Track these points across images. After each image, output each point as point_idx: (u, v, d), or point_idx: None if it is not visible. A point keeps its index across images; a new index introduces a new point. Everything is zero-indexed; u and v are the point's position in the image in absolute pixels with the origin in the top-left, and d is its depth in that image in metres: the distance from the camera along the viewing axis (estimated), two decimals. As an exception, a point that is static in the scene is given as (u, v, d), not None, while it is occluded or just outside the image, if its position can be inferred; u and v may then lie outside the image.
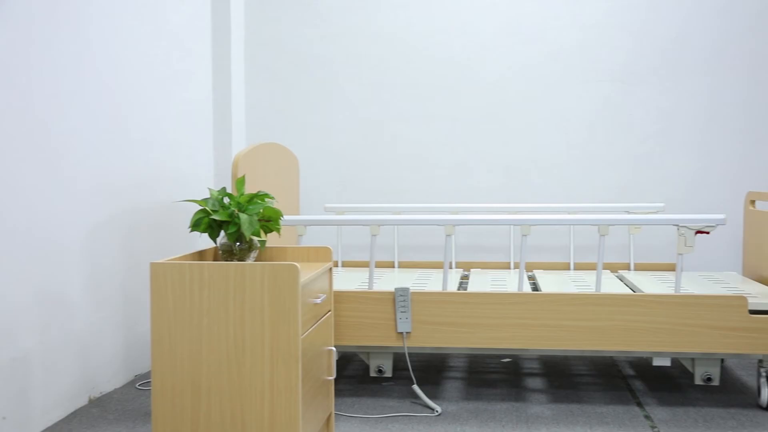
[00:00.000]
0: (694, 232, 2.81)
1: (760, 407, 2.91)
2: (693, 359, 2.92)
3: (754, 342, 2.77)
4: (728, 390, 3.15)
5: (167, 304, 2.16)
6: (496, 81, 4.09)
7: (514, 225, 3.24)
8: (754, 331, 2.77)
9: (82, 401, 2.99)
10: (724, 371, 3.41)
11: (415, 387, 3.00)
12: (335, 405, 2.95)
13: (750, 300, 2.82)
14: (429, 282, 3.34)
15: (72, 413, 2.89)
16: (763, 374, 2.86)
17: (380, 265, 3.91)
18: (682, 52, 3.97)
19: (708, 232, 2.83)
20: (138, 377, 3.39)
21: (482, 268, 3.83)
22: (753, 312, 2.82)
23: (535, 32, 4.06)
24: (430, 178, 4.14)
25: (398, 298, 2.90)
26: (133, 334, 3.34)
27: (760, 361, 2.87)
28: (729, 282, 3.31)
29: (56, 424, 2.77)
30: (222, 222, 2.36)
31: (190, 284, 2.15)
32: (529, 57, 4.07)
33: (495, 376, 3.39)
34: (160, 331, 2.16)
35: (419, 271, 3.74)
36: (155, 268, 2.16)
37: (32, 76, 2.67)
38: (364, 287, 3.15)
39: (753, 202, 3.51)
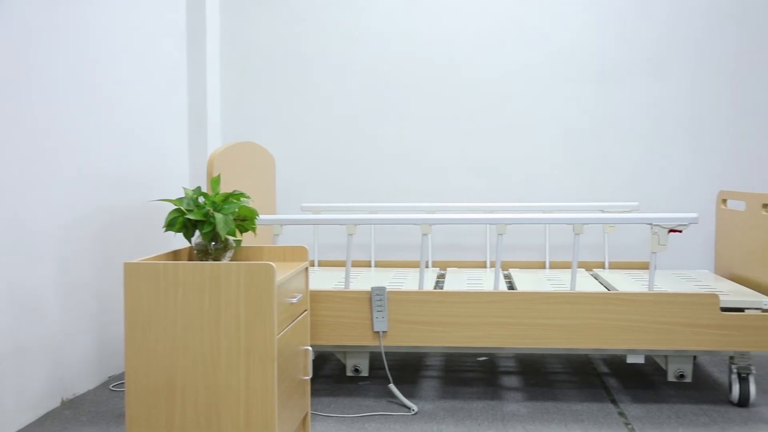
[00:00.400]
0: (667, 230, 2.84)
1: (731, 403, 2.95)
2: (666, 356, 2.95)
3: (726, 339, 2.80)
4: (700, 386, 3.19)
5: (141, 305, 2.14)
6: (474, 81, 4.10)
7: (490, 224, 3.26)
8: (725, 328, 2.81)
9: (55, 403, 2.95)
10: (697, 368, 3.45)
11: (392, 386, 3.00)
12: (312, 405, 2.94)
13: (722, 298, 2.85)
14: (405, 281, 3.34)
15: (44, 415, 2.86)
16: (735, 371, 2.90)
17: (357, 264, 3.91)
18: (656, 54, 4.01)
19: (681, 231, 2.86)
20: (112, 378, 3.36)
21: (458, 267, 3.84)
22: (724, 309, 2.86)
23: (513, 34, 4.08)
24: (406, 178, 4.14)
25: (375, 297, 2.90)
26: (106, 335, 3.31)
27: (732, 357, 2.91)
28: (701, 280, 3.35)
29: (27, 427, 2.74)
30: (197, 221, 2.34)
31: (165, 284, 2.13)
32: (507, 58, 4.08)
33: (471, 374, 3.40)
34: (134, 332, 2.14)
35: (396, 270, 3.74)
36: (129, 268, 2.14)
37: (5, 76, 2.63)
38: (341, 287, 3.15)
39: (725, 201, 3.56)
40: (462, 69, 4.10)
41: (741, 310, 2.89)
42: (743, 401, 2.91)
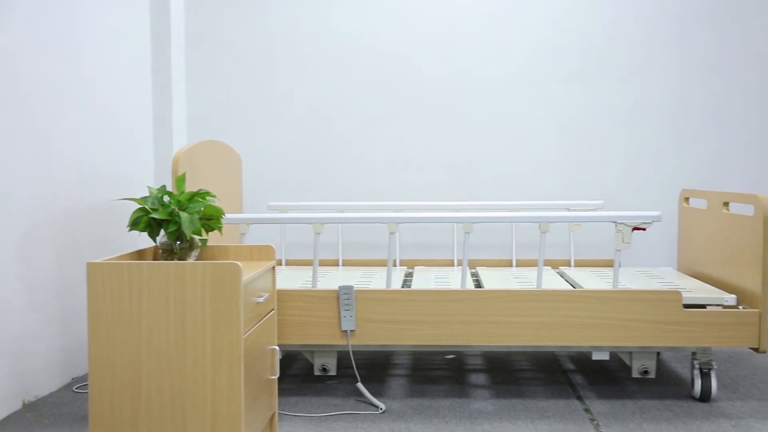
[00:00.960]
0: (631, 228, 2.89)
1: (693, 398, 3.00)
2: (630, 353, 2.99)
3: (688, 335, 2.85)
4: (664, 382, 3.23)
5: (105, 305, 2.11)
6: (442, 80, 4.11)
7: (457, 223, 3.28)
8: (687, 324, 2.85)
9: (16, 405, 2.90)
10: (660, 364, 3.51)
11: (360, 385, 3.00)
12: (279, 404, 2.93)
13: (684, 294, 2.90)
14: (373, 280, 3.34)
15: (5, 418, 2.81)
16: (697, 366, 2.95)
17: (324, 263, 3.90)
18: (621, 56, 4.06)
19: (644, 229, 2.91)
20: (75, 380, 3.31)
21: (426, 266, 3.85)
22: (687, 306, 2.91)
23: (482, 34, 4.10)
24: (374, 176, 4.14)
25: (342, 296, 2.89)
26: (70, 336, 3.26)
27: (694, 353, 2.95)
28: (665, 277, 3.40)
29: (-11, 430, 2.69)
30: (162, 221, 2.32)
31: (129, 284, 2.11)
32: (475, 58, 4.11)
33: (439, 372, 3.41)
34: (97, 333, 2.12)
35: (363, 269, 3.74)
36: (92, 268, 2.11)
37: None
38: (308, 286, 3.14)
39: (687, 199, 3.61)
40: (429, 68, 4.11)
41: (703, 306, 2.94)
42: (705, 396, 2.96)
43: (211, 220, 2.43)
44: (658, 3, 4.04)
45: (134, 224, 2.32)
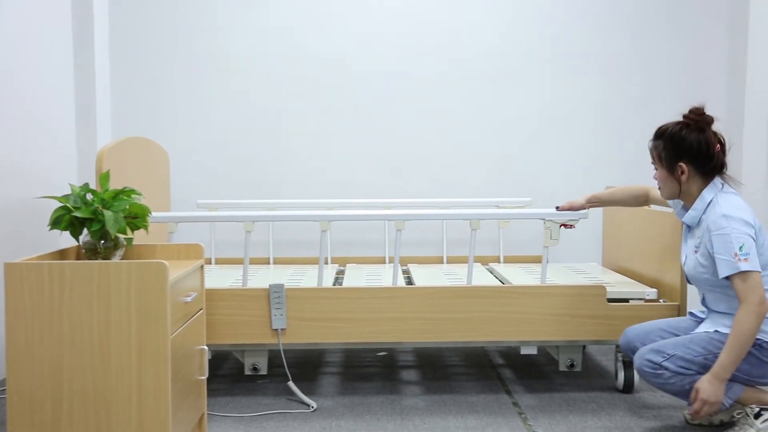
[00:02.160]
0: (559, 225, 2.96)
1: (617, 390, 3.09)
2: (557, 347, 3.06)
3: (612, 328, 2.93)
4: (589, 375, 3.32)
5: (24, 307, 2.04)
6: (373, 77, 4.11)
7: (389, 220, 3.29)
8: (611, 318, 2.93)
9: (-70, 413, 2.77)
10: (586, 357, 3.60)
11: (291, 383, 2.98)
12: (209, 405, 2.88)
13: (608, 289, 2.98)
14: (304, 278, 3.33)
15: None
16: (620, 359, 3.04)
17: (255, 261, 3.86)
18: (544, 55, 4.14)
19: (573, 226, 2.98)
20: (-6, 385, 3.19)
21: (358, 264, 3.85)
22: (611, 300, 2.99)
23: (413, 32, 4.12)
24: (305, 174, 4.12)
25: (273, 294, 2.87)
26: (-12, 340, 3.13)
27: (617, 346, 3.04)
28: (590, 273, 3.49)
29: None
30: (85, 219, 2.25)
31: (50, 285, 2.05)
32: (407, 57, 4.12)
33: (371, 369, 3.42)
34: (15, 336, 2.05)
35: (294, 267, 3.72)
36: (10, 268, 2.04)
37: None
38: (238, 284, 3.10)
39: (611, 196, 3.71)
40: (362, 66, 4.11)
41: (626, 300, 3.03)
42: (628, 388, 3.05)
43: (136, 219, 2.38)
44: (582, 7, 4.14)
45: (55, 223, 2.26)
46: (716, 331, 2.48)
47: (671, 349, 2.45)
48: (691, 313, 2.71)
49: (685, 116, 2.56)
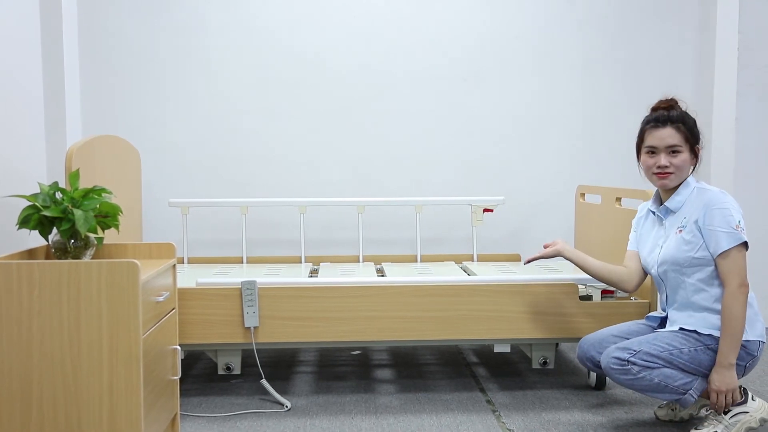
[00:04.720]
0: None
1: (589, 387, 3.12)
2: (530, 344, 3.08)
3: (584, 326, 2.95)
4: (562, 372, 3.35)
5: (-8, 307, 2.00)
6: (346, 76, 4.10)
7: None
8: (583, 315, 2.96)
9: None
10: (559, 354, 3.62)
11: (264, 382, 2.96)
12: (181, 405, 2.85)
13: (580, 287, 3.01)
14: (278, 276, 3.31)
15: None
16: (593, 356, 3.06)
17: (228, 261, 3.83)
18: (516, 56, 4.17)
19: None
20: (-39, 387, 3.13)
21: (332, 262, 3.85)
22: (582, 298, 3.02)
23: (383, 29, 4.11)
24: (278, 173, 4.10)
25: (245, 292, 2.85)
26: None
27: (590, 343, 3.06)
28: (562, 270, 3.51)
29: None
30: (54, 218, 2.22)
31: (18, 285, 2.01)
32: (377, 53, 4.12)
33: (345, 368, 3.42)
34: (-17, 337, 2.01)
35: (268, 266, 3.70)
36: (-23, 268, 2.00)
37: None
38: (218, 278, 3.07)
39: (583, 195, 3.75)
40: (335, 65, 4.10)
41: (590, 297, 3.05)
42: (600, 385, 3.08)
43: (107, 218, 2.35)
44: (552, 8, 4.17)
45: (24, 222, 2.22)
46: (681, 329, 2.52)
47: (636, 345, 2.48)
48: (649, 317, 2.73)
49: (660, 106, 2.63)
